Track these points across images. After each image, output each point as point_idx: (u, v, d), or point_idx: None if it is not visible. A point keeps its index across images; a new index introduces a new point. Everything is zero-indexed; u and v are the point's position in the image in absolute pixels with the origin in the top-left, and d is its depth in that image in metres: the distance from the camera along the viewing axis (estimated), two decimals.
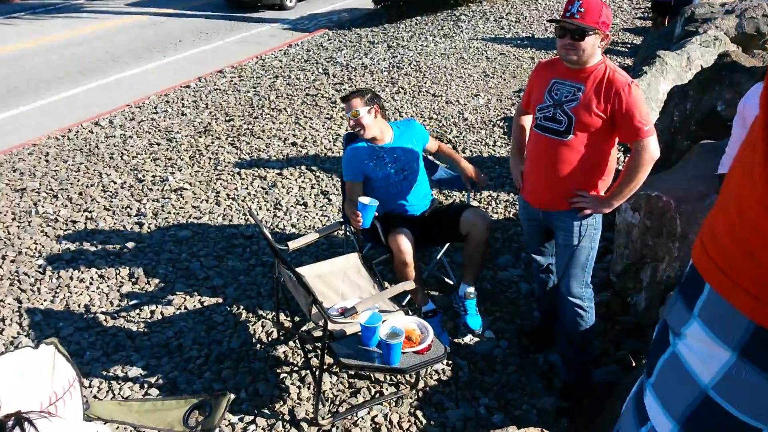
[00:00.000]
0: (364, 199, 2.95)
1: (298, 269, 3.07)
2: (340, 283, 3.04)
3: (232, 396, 2.69)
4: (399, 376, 2.91)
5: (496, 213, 4.33)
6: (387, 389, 2.88)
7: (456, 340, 3.17)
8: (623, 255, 3.34)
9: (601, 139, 2.44)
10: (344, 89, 6.95)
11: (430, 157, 3.62)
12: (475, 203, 4.43)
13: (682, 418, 0.89)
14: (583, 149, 2.45)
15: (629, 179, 2.41)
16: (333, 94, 6.82)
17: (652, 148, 2.36)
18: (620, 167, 3.52)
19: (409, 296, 3.27)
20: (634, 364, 2.91)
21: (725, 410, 0.83)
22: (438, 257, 3.51)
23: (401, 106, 6.38)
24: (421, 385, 2.89)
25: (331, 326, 2.59)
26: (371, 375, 2.93)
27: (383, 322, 2.54)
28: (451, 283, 3.52)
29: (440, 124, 5.87)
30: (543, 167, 2.56)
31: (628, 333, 3.15)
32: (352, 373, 2.94)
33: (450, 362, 3.02)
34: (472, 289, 3.23)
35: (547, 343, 3.14)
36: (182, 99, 7.02)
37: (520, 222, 2.96)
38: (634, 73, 5.36)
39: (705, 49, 5.52)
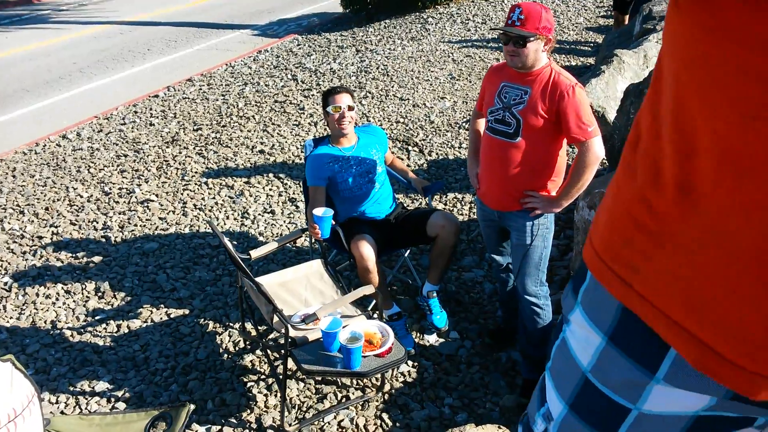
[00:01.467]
0: (317, 211, 3.00)
1: (262, 278, 3.11)
2: (302, 290, 3.08)
3: (192, 406, 2.72)
4: (365, 380, 2.96)
5: (461, 215, 4.40)
6: (353, 393, 2.92)
7: (421, 342, 3.23)
8: (582, 252, 3.42)
9: (548, 141, 2.53)
10: (312, 95, 6.98)
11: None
12: (440, 206, 4.49)
13: (570, 400, 0.96)
14: (532, 150, 2.54)
15: (576, 180, 2.50)
16: (301, 101, 6.84)
17: (597, 149, 2.44)
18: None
19: (375, 301, 3.32)
20: None
21: (601, 392, 0.89)
22: (402, 260, 3.57)
23: (368, 111, 6.43)
24: (387, 387, 2.94)
25: (292, 333, 2.64)
26: (337, 380, 2.97)
27: (344, 327, 2.59)
28: (417, 285, 3.58)
29: (407, 128, 5.93)
30: (495, 169, 2.65)
31: None
32: (319, 379, 2.98)
33: (415, 363, 3.08)
34: (435, 288, 3.30)
35: (510, 342, 3.22)
36: (150, 109, 7.00)
37: (479, 222, 3.03)
38: (592, 72, 5.47)
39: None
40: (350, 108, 3.19)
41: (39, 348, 3.33)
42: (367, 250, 3.00)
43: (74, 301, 3.70)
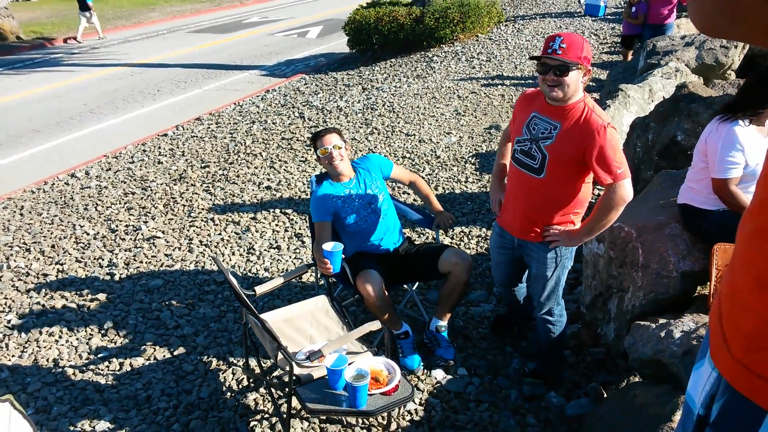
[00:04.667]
0: (327, 246, 2.96)
1: (266, 314, 3.06)
2: (308, 327, 3.03)
3: None
4: (370, 419, 2.88)
5: (469, 248, 4.36)
6: None
7: (428, 379, 3.15)
8: (591, 286, 3.36)
9: (574, 178, 2.48)
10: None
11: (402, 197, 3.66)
12: (447, 240, 4.46)
13: None
14: (556, 187, 2.51)
15: (599, 218, 2.44)
16: (308, 137, 6.90)
17: (625, 191, 2.36)
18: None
19: (380, 337, 3.27)
20: (605, 395, 2.91)
21: None
22: (410, 295, 3.52)
23: (375, 147, 6.46)
24: (393, 426, 2.86)
25: (297, 371, 2.58)
26: (343, 419, 2.89)
27: (350, 364, 2.53)
28: (425, 320, 3.51)
29: (413, 163, 5.94)
30: (519, 200, 2.66)
31: (599, 364, 3.15)
32: (324, 418, 2.90)
33: (422, 401, 3.00)
34: (444, 323, 3.24)
35: (509, 331, 3.40)
36: (159, 147, 7.06)
37: (491, 248, 3.03)
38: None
39: (666, 81, 5.67)
40: (338, 147, 3.18)
41: (40, 386, 3.28)
42: (372, 289, 2.95)
43: (77, 338, 3.66)
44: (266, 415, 2.97)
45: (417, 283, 3.55)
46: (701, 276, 2.89)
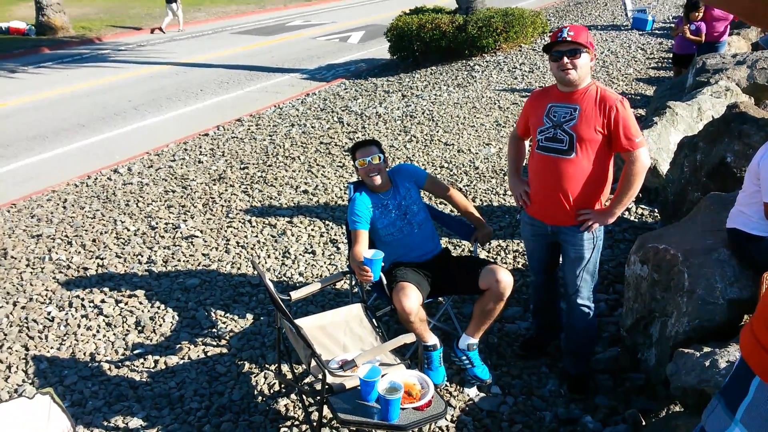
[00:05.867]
0: (368, 253, 2.93)
1: (301, 320, 3.06)
2: (341, 335, 3.02)
3: None
4: None
5: (506, 263, 4.29)
6: None
7: (461, 396, 3.10)
8: (633, 309, 3.27)
9: (600, 154, 2.69)
10: (357, 137, 7.05)
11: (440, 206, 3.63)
12: (483, 254, 4.40)
13: None
14: (586, 164, 2.69)
15: (626, 189, 2.71)
16: (346, 143, 6.91)
17: (644, 159, 2.66)
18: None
19: (413, 350, 3.23)
20: (644, 423, 2.82)
21: None
22: (444, 308, 3.48)
23: (413, 155, 6.44)
24: None
25: (330, 379, 2.57)
26: (372, 431, 2.86)
27: (383, 376, 2.50)
28: (458, 335, 3.46)
29: (451, 173, 5.90)
30: (549, 185, 2.78)
31: (638, 390, 3.06)
32: (354, 429, 2.88)
33: (454, 418, 2.96)
34: (475, 341, 3.18)
35: (542, 352, 3.36)
36: (200, 147, 7.17)
37: (523, 238, 3.18)
38: (644, 123, 5.37)
39: (716, 100, 5.51)
40: (376, 160, 3.18)
41: (77, 380, 3.33)
42: (409, 303, 2.89)
43: (114, 334, 3.72)
44: (296, 422, 2.96)
45: (452, 296, 3.50)
46: (749, 304, 2.78)
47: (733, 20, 7.16)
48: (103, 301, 4.06)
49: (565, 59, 2.59)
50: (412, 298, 2.90)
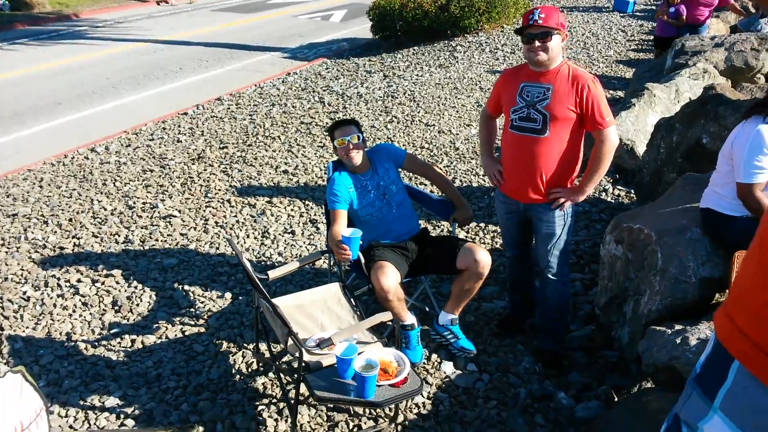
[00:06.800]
0: (346, 231, 2.94)
1: (279, 299, 3.06)
2: (319, 314, 3.03)
3: (201, 429, 2.67)
4: (378, 410, 2.88)
5: (484, 243, 4.32)
6: (365, 423, 2.84)
7: (437, 373, 3.14)
8: (607, 288, 3.32)
9: (573, 132, 2.74)
10: (338, 117, 7.01)
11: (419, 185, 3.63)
12: (462, 234, 4.42)
13: None
14: (559, 144, 2.74)
15: (596, 167, 2.76)
16: (327, 122, 6.87)
17: (614, 137, 2.72)
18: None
19: (391, 328, 3.25)
20: (616, 399, 2.87)
21: None
22: (422, 288, 3.50)
23: (393, 135, 6.42)
24: (400, 418, 2.85)
25: (306, 357, 2.58)
26: (350, 408, 2.89)
27: (359, 353, 2.52)
28: (436, 314, 3.49)
29: (431, 153, 5.90)
30: (523, 164, 2.83)
31: (611, 368, 3.12)
32: (331, 406, 2.91)
33: (430, 395, 2.99)
34: (456, 317, 3.21)
35: (518, 330, 3.42)
36: (179, 126, 7.08)
37: (497, 216, 3.26)
38: (622, 105, 5.40)
39: (694, 82, 5.56)
40: (355, 139, 3.17)
41: (52, 359, 3.31)
42: (387, 282, 2.91)
43: (91, 313, 3.69)
44: (274, 400, 2.97)
45: (430, 276, 3.52)
46: (720, 283, 2.84)
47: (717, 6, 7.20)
48: (79, 280, 4.02)
49: (537, 42, 2.63)
50: (390, 277, 2.91)
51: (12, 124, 7.50)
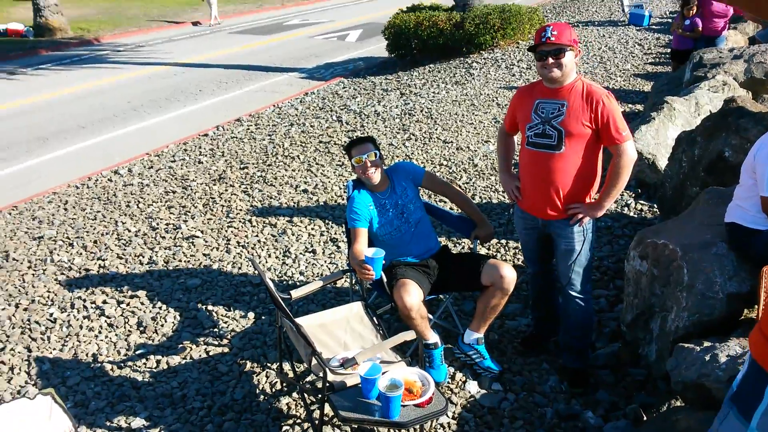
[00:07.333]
0: (368, 251, 2.94)
1: (301, 318, 3.07)
2: (342, 333, 3.03)
3: None
4: (403, 431, 2.85)
5: (506, 260, 4.30)
6: None
7: (462, 392, 3.12)
8: (633, 304, 3.28)
9: (589, 148, 2.74)
10: (356, 136, 7.04)
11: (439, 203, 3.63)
12: (483, 251, 4.41)
13: None
14: (575, 159, 2.74)
15: (615, 181, 2.75)
16: (345, 141, 6.92)
17: (632, 152, 2.71)
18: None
19: (414, 347, 3.24)
20: (645, 418, 2.83)
21: None
22: (444, 305, 3.49)
23: (412, 153, 6.44)
24: None
25: (330, 377, 2.58)
26: (374, 429, 2.88)
27: (383, 373, 2.51)
28: (459, 332, 3.47)
29: (450, 171, 5.91)
30: (540, 180, 2.83)
31: (639, 386, 3.08)
32: (355, 426, 2.90)
33: (455, 415, 2.97)
34: (481, 336, 3.20)
35: (541, 347, 3.39)
36: (200, 147, 7.18)
37: (517, 232, 3.27)
38: (642, 119, 5.37)
39: (713, 94, 5.52)
40: (372, 157, 3.18)
41: (79, 381, 3.35)
42: (409, 300, 2.91)
43: (116, 334, 3.73)
44: (298, 420, 2.97)
45: (452, 293, 3.51)
46: (748, 298, 2.79)
47: (733, 15, 7.17)
48: (104, 302, 4.07)
49: (550, 59, 2.65)
50: (412, 294, 2.91)
51: (36, 148, 7.67)
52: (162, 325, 3.79)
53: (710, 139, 4.15)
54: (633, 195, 5.00)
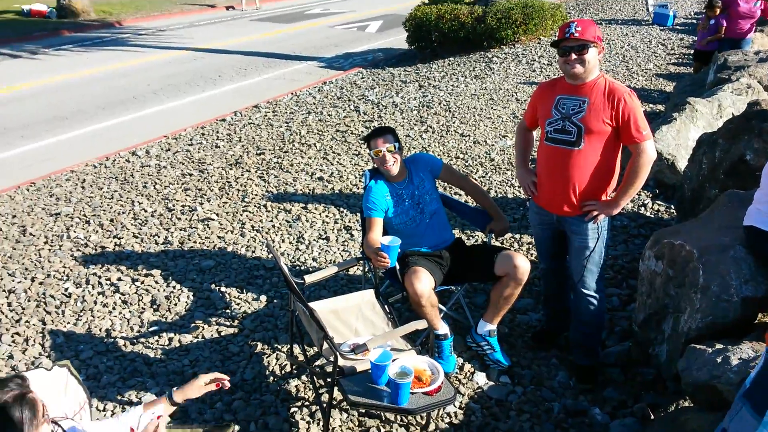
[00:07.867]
0: (385, 239, 2.95)
1: (314, 303, 3.09)
2: (354, 320, 3.05)
3: (237, 427, 2.70)
4: (409, 417, 2.87)
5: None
6: (397, 430, 2.84)
7: (470, 383, 3.12)
8: (645, 304, 3.26)
9: (608, 146, 2.73)
10: (373, 126, 7.05)
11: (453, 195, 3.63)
12: (497, 244, 4.40)
13: None
14: (593, 156, 2.73)
15: (632, 180, 2.73)
16: (362, 131, 6.92)
17: (651, 151, 2.69)
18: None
19: (424, 336, 3.25)
20: (652, 417, 2.82)
21: None
22: (456, 297, 3.49)
23: (429, 145, 6.43)
24: (431, 427, 2.85)
25: (341, 362, 2.59)
26: (382, 414, 2.90)
27: (394, 360, 2.52)
28: (470, 324, 3.48)
29: (466, 164, 5.90)
30: (557, 176, 2.83)
31: (647, 384, 3.06)
32: (363, 411, 2.91)
33: (463, 405, 2.98)
34: (494, 327, 3.20)
35: (552, 343, 3.38)
36: (217, 132, 7.21)
37: (531, 227, 3.28)
38: (663, 119, 5.32)
39: (737, 97, 5.45)
40: (391, 149, 3.19)
41: (92, 355, 3.40)
42: (421, 287, 2.92)
43: (130, 311, 3.77)
44: (307, 403, 3.00)
45: (464, 285, 3.51)
46: (763, 302, 2.77)
47: (759, 18, 7.06)
48: (119, 279, 4.12)
49: (573, 55, 2.64)
50: (423, 281, 2.92)
51: (55, 127, 7.74)
52: (175, 304, 3.83)
53: (732, 142, 4.10)
54: (651, 195, 4.96)
